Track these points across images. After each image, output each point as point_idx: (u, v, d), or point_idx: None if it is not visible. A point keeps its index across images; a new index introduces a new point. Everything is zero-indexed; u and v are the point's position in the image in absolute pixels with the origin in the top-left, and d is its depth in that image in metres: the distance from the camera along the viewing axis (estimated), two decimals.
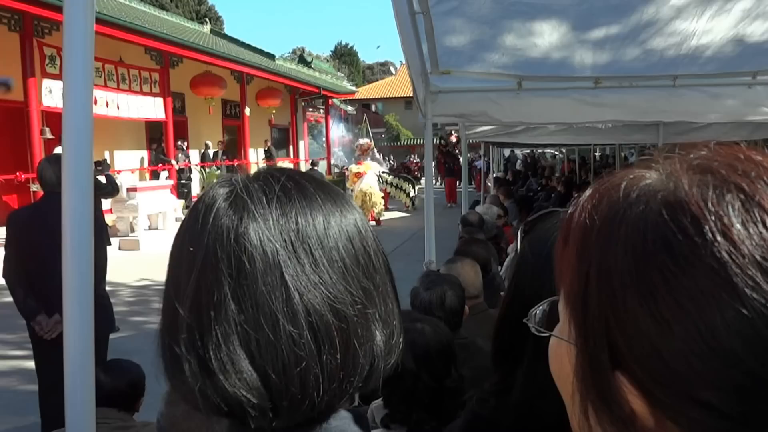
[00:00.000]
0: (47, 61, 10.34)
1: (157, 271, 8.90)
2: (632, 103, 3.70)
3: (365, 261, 0.60)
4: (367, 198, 14.76)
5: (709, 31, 2.91)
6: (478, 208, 6.42)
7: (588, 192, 0.46)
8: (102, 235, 6.14)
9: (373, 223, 14.33)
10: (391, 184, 16.43)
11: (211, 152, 15.14)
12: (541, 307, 0.57)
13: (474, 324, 2.68)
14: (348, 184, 15.68)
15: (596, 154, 15.85)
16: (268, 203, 0.56)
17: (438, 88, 3.78)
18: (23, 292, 3.38)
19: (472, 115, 3.99)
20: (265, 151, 18.26)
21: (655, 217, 0.40)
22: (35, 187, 9.51)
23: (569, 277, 0.46)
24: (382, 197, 15.37)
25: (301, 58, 24.87)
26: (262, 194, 0.57)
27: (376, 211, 14.79)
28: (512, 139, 7.54)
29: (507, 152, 22.39)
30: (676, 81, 3.55)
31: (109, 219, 10.84)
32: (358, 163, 15.92)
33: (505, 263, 5.54)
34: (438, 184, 21.64)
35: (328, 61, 40.28)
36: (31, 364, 3.55)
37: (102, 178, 6.39)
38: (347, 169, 16.53)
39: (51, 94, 10.29)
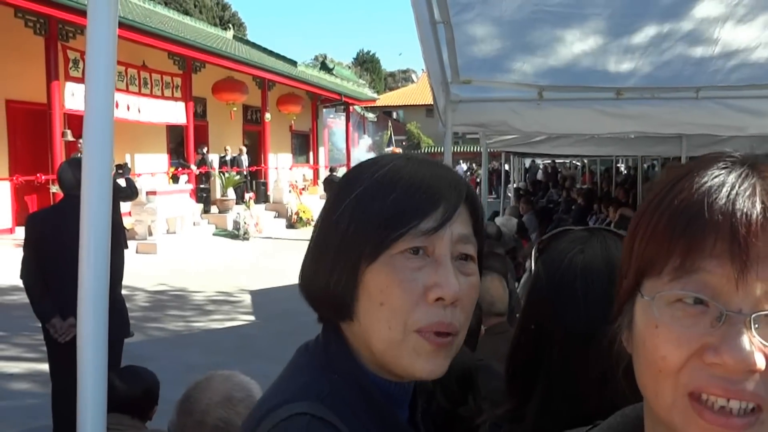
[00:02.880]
0: (71, 64, 10.51)
1: (174, 277, 8.99)
2: (654, 114, 3.65)
3: None
4: None
5: (732, 42, 2.86)
6: (498, 220, 6.38)
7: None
8: (119, 238, 6.17)
9: None
10: None
11: (228, 157, 15.19)
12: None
13: (493, 344, 2.59)
14: None
15: (619, 165, 15.63)
16: None
17: (459, 98, 3.76)
18: (39, 294, 3.40)
19: (493, 125, 3.96)
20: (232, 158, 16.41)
21: None
22: (55, 189, 9.61)
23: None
24: None
25: (323, 65, 24.98)
26: None
27: None
28: (533, 149, 7.48)
29: (528, 161, 22.28)
30: (699, 93, 3.49)
31: (127, 222, 10.93)
32: None
33: (522, 279, 5.48)
34: None
35: (349, 68, 40.43)
36: (43, 367, 3.58)
37: (122, 182, 6.47)
38: None
39: (74, 97, 10.43)
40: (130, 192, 6.65)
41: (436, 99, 3.63)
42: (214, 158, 15.73)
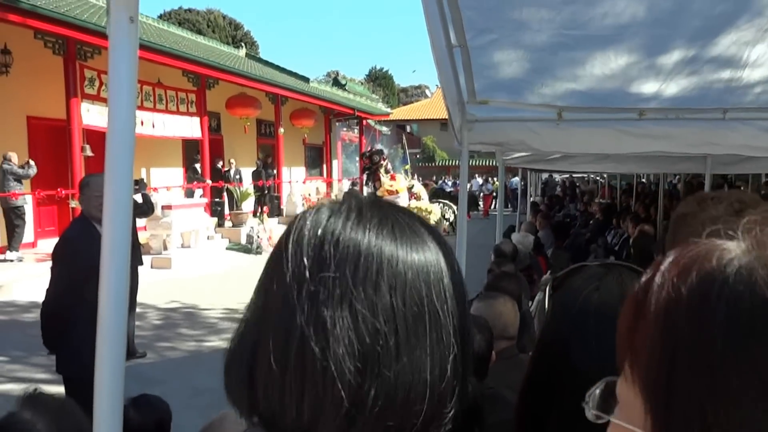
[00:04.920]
0: (86, 82, 10.71)
1: (187, 294, 9.00)
2: (679, 134, 3.53)
3: (428, 309, 0.56)
4: (426, 214, 14.86)
5: (763, 64, 2.74)
6: (514, 237, 6.26)
7: (668, 261, 0.42)
8: (135, 255, 6.14)
9: None
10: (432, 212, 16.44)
11: (231, 171, 15.23)
12: (597, 390, 0.50)
13: (503, 369, 2.51)
14: (381, 194, 15.75)
15: (642, 180, 15.43)
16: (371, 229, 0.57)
17: (475, 117, 3.67)
18: (55, 324, 3.30)
19: (510, 144, 3.86)
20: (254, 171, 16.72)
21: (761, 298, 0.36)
22: (74, 204, 9.73)
23: (645, 356, 0.40)
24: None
25: (336, 81, 25.09)
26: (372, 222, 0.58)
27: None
28: (551, 165, 7.36)
29: (545, 175, 22.11)
30: (726, 114, 3.37)
31: (143, 236, 11.01)
32: (391, 177, 16.03)
33: (536, 299, 5.36)
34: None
35: (362, 84, 40.52)
36: (60, 389, 3.53)
37: (138, 197, 6.39)
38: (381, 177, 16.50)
39: (89, 113, 10.65)
40: (146, 208, 6.59)
41: (452, 118, 3.54)
42: (244, 171, 15.82)
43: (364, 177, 16.48)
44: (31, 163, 9.81)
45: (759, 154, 3.73)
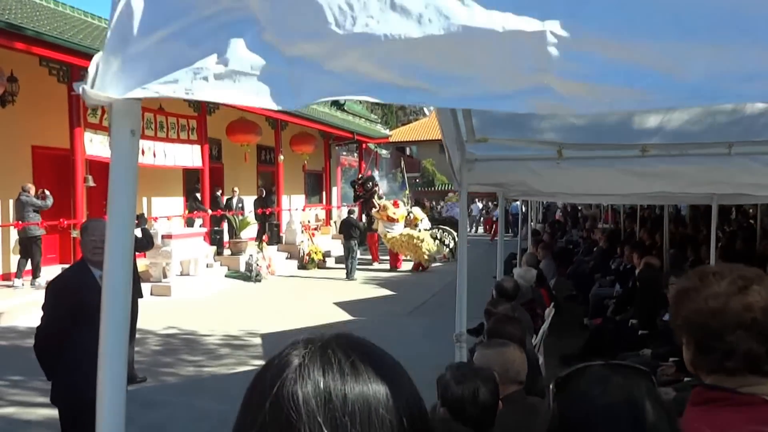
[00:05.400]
0: (89, 111, 10.68)
1: (186, 320, 9.14)
2: (683, 172, 3.44)
3: None
4: (418, 242, 14.87)
5: None
6: (516, 272, 6.16)
7: None
8: (134, 288, 6.10)
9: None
10: (434, 238, 16.37)
11: (234, 200, 15.21)
12: None
13: (510, 414, 2.51)
14: (378, 216, 15.72)
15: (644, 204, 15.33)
16: (332, 377, 0.64)
17: (474, 156, 3.60)
18: (45, 358, 3.36)
19: (511, 185, 3.78)
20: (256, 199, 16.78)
21: None
22: (75, 233, 9.75)
23: None
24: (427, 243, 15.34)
25: (334, 101, 25.16)
26: (331, 368, 0.65)
27: (424, 257, 14.89)
28: (551, 198, 7.29)
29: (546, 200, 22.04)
30: (732, 149, 3.28)
31: (142, 264, 11.01)
32: (394, 203, 16.13)
33: (541, 330, 5.26)
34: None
35: (360, 102, 40.71)
36: (54, 412, 3.52)
37: (138, 232, 6.43)
38: (380, 201, 16.55)
39: (92, 143, 10.65)
40: (146, 243, 6.64)
41: (451, 158, 3.46)
42: (247, 199, 15.86)
43: (359, 204, 16.58)
44: (47, 193, 9.91)
45: (765, 192, 3.63)
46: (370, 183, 17.09)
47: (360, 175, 19.43)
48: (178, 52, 0.88)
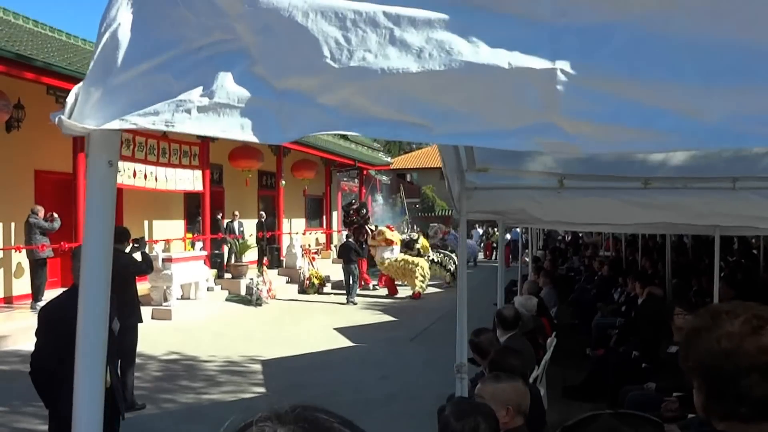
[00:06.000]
0: None
1: (186, 345, 9.09)
2: (686, 204, 3.40)
3: None
4: (412, 266, 14.80)
5: None
6: (516, 300, 6.08)
7: None
8: (134, 314, 6.06)
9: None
10: (434, 262, 16.29)
11: (235, 223, 15.18)
12: None
13: None
14: (376, 242, 15.68)
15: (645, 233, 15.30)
16: None
17: (474, 185, 3.57)
18: (39, 384, 3.36)
19: (510, 213, 3.75)
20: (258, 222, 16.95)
21: None
22: None
23: None
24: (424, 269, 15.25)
25: None
26: None
27: (418, 284, 14.77)
28: (551, 225, 7.26)
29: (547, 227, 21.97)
30: (737, 183, 3.25)
31: (143, 287, 10.91)
32: (388, 227, 16.15)
33: (543, 360, 5.17)
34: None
35: None
36: None
37: (138, 256, 6.39)
38: (375, 228, 16.59)
39: None
40: (145, 267, 6.61)
41: (451, 186, 3.44)
42: (247, 222, 15.78)
43: (351, 229, 16.64)
44: (55, 216, 9.95)
45: None
46: (365, 210, 17.15)
47: (352, 200, 19.48)
48: (162, 84, 0.85)
